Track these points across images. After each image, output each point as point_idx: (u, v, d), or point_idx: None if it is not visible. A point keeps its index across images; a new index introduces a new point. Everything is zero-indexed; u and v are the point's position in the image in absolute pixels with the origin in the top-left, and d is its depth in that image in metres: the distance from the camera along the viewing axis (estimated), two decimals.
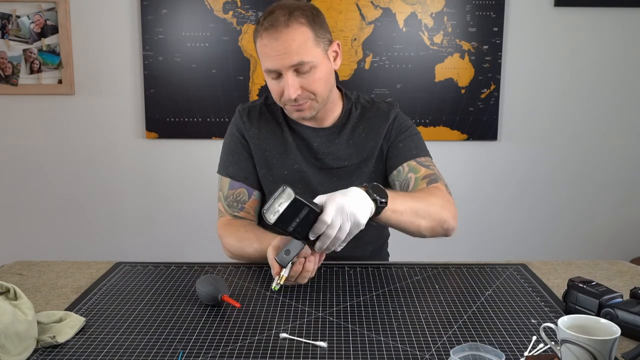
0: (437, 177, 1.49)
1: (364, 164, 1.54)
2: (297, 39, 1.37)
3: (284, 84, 1.40)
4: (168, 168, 2.81)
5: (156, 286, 1.31)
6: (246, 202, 1.55)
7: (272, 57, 1.39)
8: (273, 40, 1.38)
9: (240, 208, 1.55)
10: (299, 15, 1.39)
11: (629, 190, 2.88)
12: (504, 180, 2.85)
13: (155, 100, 2.72)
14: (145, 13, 2.65)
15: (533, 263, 1.48)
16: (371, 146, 1.54)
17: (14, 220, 2.85)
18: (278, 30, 1.37)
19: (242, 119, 1.58)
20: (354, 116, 1.56)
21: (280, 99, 1.46)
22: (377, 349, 1.03)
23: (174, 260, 1.49)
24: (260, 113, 1.58)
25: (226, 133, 1.63)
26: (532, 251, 2.87)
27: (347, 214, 1.15)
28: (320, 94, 1.44)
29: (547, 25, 2.72)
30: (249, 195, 1.56)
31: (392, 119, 1.56)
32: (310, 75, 1.40)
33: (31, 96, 2.74)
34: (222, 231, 1.53)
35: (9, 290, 1.07)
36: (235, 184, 1.56)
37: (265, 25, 1.39)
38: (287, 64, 1.38)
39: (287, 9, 1.39)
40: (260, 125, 1.56)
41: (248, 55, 2.68)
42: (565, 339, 0.89)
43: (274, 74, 1.41)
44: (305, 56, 1.38)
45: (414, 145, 1.54)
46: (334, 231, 1.15)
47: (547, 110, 2.80)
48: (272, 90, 1.46)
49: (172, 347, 1.03)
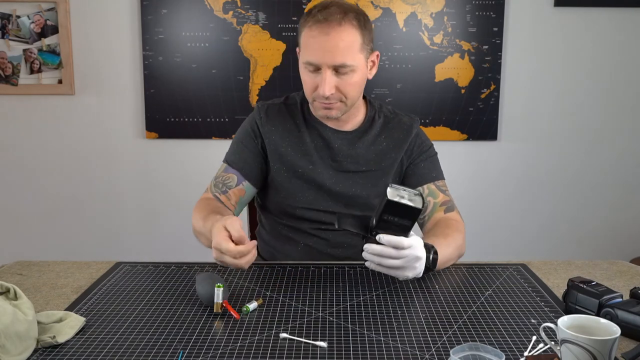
0: (452, 205, 1.56)
1: (383, 172, 1.56)
2: (346, 40, 1.39)
3: (320, 80, 1.41)
4: (168, 168, 2.81)
5: (156, 286, 1.31)
6: (231, 187, 1.55)
7: (317, 51, 1.40)
8: (323, 35, 1.38)
9: (224, 191, 1.55)
10: (352, 18, 1.40)
11: (628, 190, 2.88)
12: (503, 180, 2.85)
13: (155, 100, 2.72)
14: (145, 13, 2.65)
15: (533, 263, 1.48)
16: (392, 157, 1.56)
17: (14, 220, 2.85)
18: (330, 26, 1.38)
19: (260, 115, 1.57)
20: (377, 124, 1.58)
21: (311, 93, 1.46)
22: (377, 349, 1.03)
23: (174, 260, 1.49)
24: (279, 111, 1.58)
25: (240, 126, 1.63)
26: (532, 251, 2.87)
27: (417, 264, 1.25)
28: (351, 98, 1.46)
29: (547, 25, 2.72)
30: (237, 182, 1.55)
31: (414, 134, 1.59)
32: (347, 78, 1.42)
33: (31, 96, 2.74)
34: (196, 206, 1.52)
35: (9, 290, 1.07)
36: (230, 170, 1.57)
37: (319, 17, 1.39)
38: (330, 62, 1.39)
39: (342, 8, 1.41)
40: (277, 123, 1.56)
41: (248, 55, 2.68)
42: (565, 339, 0.89)
43: (313, 67, 1.42)
44: (349, 59, 1.40)
45: (434, 167, 1.59)
46: (398, 255, 1.21)
47: (546, 110, 2.80)
48: (305, 82, 1.47)
49: (172, 347, 1.03)
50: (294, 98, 1.61)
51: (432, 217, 1.53)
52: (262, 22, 2.66)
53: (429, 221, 1.53)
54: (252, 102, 2.72)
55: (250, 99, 2.71)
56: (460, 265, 1.45)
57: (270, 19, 2.66)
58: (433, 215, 1.53)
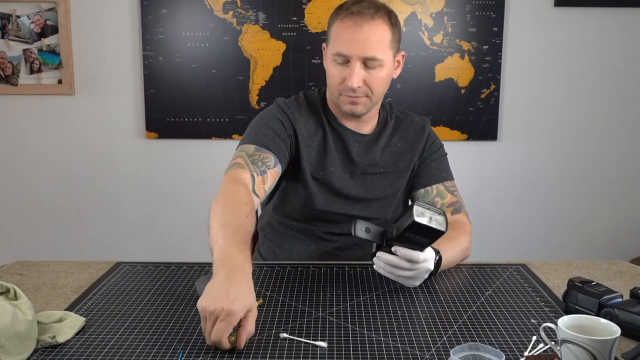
0: (460, 205, 1.57)
1: (400, 174, 1.57)
2: (378, 34, 1.41)
3: (349, 72, 1.42)
4: (168, 168, 2.81)
5: (156, 286, 1.31)
6: (270, 168, 1.40)
7: (348, 43, 1.40)
8: (356, 27, 1.40)
9: (263, 171, 1.38)
10: (384, 14, 1.43)
11: (629, 190, 2.88)
12: (503, 180, 2.85)
13: (155, 100, 2.72)
14: (145, 13, 2.65)
15: (533, 263, 1.48)
16: (408, 158, 1.57)
17: (14, 220, 2.85)
18: (364, 19, 1.40)
19: (290, 109, 1.51)
20: (389, 125, 1.59)
21: (338, 86, 1.45)
22: (377, 349, 1.03)
23: (174, 260, 1.49)
24: (306, 108, 1.55)
25: (262, 113, 1.53)
26: (532, 251, 2.87)
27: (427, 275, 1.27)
28: (377, 94, 1.47)
29: (547, 25, 2.72)
30: (274, 164, 1.42)
31: (427, 134, 1.60)
32: (375, 72, 1.43)
33: (31, 96, 2.74)
34: (224, 189, 1.29)
35: (9, 290, 1.07)
36: (263, 150, 1.42)
37: (353, 10, 1.41)
38: (361, 54, 1.40)
39: (375, 3, 1.44)
40: (307, 120, 1.53)
41: (248, 55, 2.68)
42: (565, 339, 0.89)
43: (343, 59, 1.42)
44: (379, 53, 1.41)
45: (443, 167, 1.60)
46: (411, 268, 1.23)
47: (547, 110, 2.80)
48: (332, 74, 1.46)
49: (172, 347, 1.03)
50: (312, 96, 1.57)
51: None
52: (262, 22, 2.66)
53: None
54: (252, 102, 2.72)
55: (250, 99, 2.71)
56: (461, 265, 1.45)
57: (270, 19, 2.66)
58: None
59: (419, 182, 1.58)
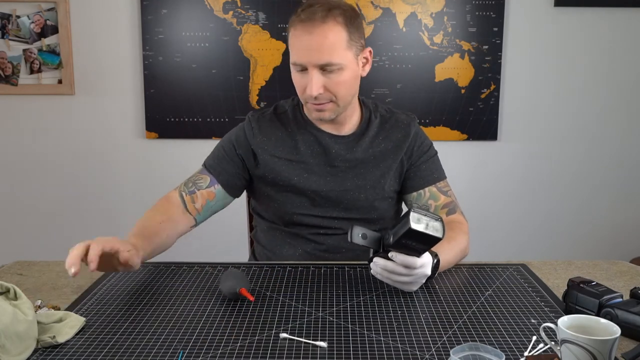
0: (454, 205, 1.55)
1: (382, 175, 1.53)
2: (330, 38, 1.36)
3: (307, 81, 1.39)
4: (168, 168, 2.81)
5: (156, 286, 1.31)
6: (201, 188, 1.50)
7: (301, 51, 1.38)
8: (306, 34, 1.36)
9: (191, 191, 1.50)
10: (337, 14, 1.37)
11: (628, 190, 2.88)
12: (503, 180, 2.85)
13: (155, 100, 2.72)
14: (145, 13, 2.65)
15: (533, 263, 1.48)
16: (391, 158, 1.53)
17: (14, 220, 2.85)
18: (313, 24, 1.36)
19: (252, 125, 1.54)
20: (373, 125, 1.55)
21: (301, 95, 1.45)
22: (377, 349, 1.03)
23: (173, 260, 1.49)
24: (271, 121, 1.55)
25: (227, 134, 1.60)
26: (532, 251, 2.87)
27: (424, 280, 1.26)
28: (342, 98, 1.42)
29: (547, 25, 2.72)
30: (209, 184, 1.51)
31: (413, 133, 1.55)
32: (335, 77, 1.39)
33: (31, 96, 2.74)
34: (156, 203, 1.49)
35: (9, 290, 1.07)
36: (205, 172, 1.54)
37: (302, 17, 1.37)
38: (315, 62, 1.37)
39: (327, 5, 1.38)
40: (270, 133, 1.53)
41: (248, 55, 2.68)
42: (565, 339, 0.89)
43: (300, 67, 1.40)
44: (335, 57, 1.37)
45: (435, 167, 1.57)
46: (408, 273, 1.21)
47: (546, 110, 2.80)
48: (296, 83, 1.45)
49: (172, 347, 1.03)
50: (283, 106, 1.58)
51: None
52: (262, 22, 2.66)
53: None
54: (252, 102, 2.72)
55: (250, 99, 2.71)
56: (461, 265, 1.45)
57: (270, 19, 2.66)
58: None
59: (411, 186, 1.55)
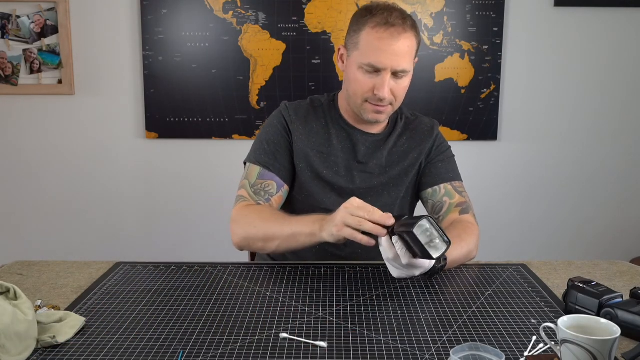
0: (468, 206, 1.56)
1: (405, 174, 1.57)
2: (409, 46, 1.42)
3: (379, 83, 1.42)
4: (168, 168, 2.81)
5: (156, 286, 1.31)
6: (274, 195, 1.51)
7: (383, 54, 1.40)
8: (392, 39, 1.39)
9: (267, 199, 1.49)
10: (412, 25, 1.44)
11: (629, 190, 2.88)
12: (504, 180, 2.85)
13: (155, 100, 2.72)
14: (145, 13, 2.65)
15: (533, 263, 1.48)
16: (414, 158, 1.57)
17: (14, 220, 2.85)
18: (398, 31, 1.40)
19: (289, 113, 1.57)
20: (399, 126, 1.60)
21: (365, 94, 1.46)
22: (377, 349, 1.03)
23: (174, 260, 1.49)
24: (307, 112, 1.58)
25: (265, 124, 1.61)
26: (532, 251, 2.87)
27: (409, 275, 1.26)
28: (399, 102, 1.49)
29: (547, 25, 2.72)
30: (277, 189, 1.52)
31: (435, 136, 1.61)
32: (401, 82, 1.45)
33: (31, 96, 2.74)
34: (239, 213, 1.45)
35: (9, 290, 1.07)
36: (267, 174, 1.52)
37: (387, 19, 1.40)
38: (395, 67, 1.41)
39: (400, 12, 1.43)
40: (306, 123, 1.56)
41: (248, 55, 2.68)
42: (565, 339, 0.89)
43: (372, 69, 1.42)
44: (408, 65, 1.43)
45: (451, 168, 1.61)
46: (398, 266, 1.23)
47: (547, 110, 2.80)
48: (359, 82, 1.45)
49: (172, 347, 1.03)
50: (319, 100, 1.61)
51: (447, 218, 1.53)
52: (262, 22, 2.66)
53: (443, 221, 1.53)
54: (252, 102, 2.72)
55: (250, 99, 2.71)
56: (461, 265, 1.45)
57: (270, 19, 2.66)
58: (448, 216, 1.53)
59: (426, 182, 1.58)
